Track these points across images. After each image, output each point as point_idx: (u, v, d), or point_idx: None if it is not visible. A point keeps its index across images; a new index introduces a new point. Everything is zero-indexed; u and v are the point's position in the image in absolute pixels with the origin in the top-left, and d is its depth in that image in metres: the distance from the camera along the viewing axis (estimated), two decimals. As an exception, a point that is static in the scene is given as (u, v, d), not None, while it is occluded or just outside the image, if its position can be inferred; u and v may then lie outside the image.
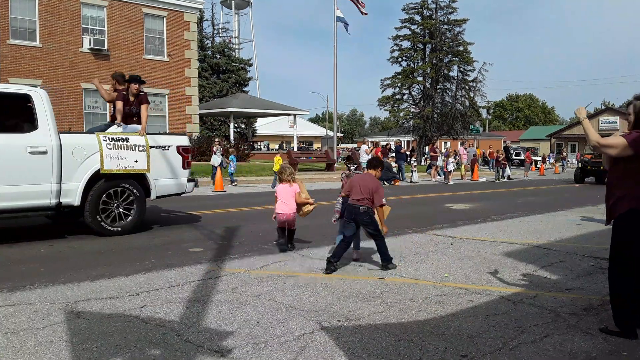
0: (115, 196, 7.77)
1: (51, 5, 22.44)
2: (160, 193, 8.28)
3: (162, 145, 8.27)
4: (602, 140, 3.80)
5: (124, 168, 7.76)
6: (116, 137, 7.83)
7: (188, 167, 8.55)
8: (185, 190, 8.61)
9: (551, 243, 7.63)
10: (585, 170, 22.84)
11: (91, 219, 7.52)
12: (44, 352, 3.37)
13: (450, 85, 41.33)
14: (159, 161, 8.18)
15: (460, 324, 4.04)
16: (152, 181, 8.11)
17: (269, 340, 3.64)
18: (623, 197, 3.74)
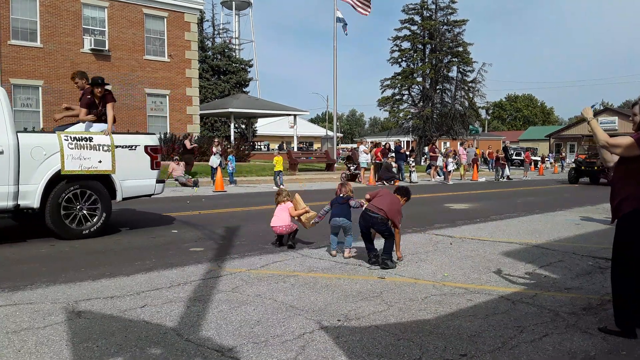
0: (78, 198, 7.44)
1: (52, 6, 22.46)
2: (127, 194, 7.97)
3: (129, 145, 7.92)
4: (611, 140, 3.79)
5: (86, 169, 7.43)
6: (79, 136, 7.47)
7: (157, 168, 8.25)
8: (154, 191, 8.30)
9: (550, 243, 7.64)
10: (579, 171, 22.65)
11: (51, 221, 7.19)
12: (45, 352, 3.39)
13: (450, 85, 41.36)
14: (126, 161, 7.84)
15: (460, 323, 4.05)
16: (118, 182, 7.79)
17: (269, 339, 3.66)
18: (627, 198, 3.74)
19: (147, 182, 8.20)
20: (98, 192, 7.63)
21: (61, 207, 7.28)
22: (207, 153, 23.91)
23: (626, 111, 55.23)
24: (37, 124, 21.97)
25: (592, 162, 21.97)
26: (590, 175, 22.40)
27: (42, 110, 22.48)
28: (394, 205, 6.00)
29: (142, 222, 9.42)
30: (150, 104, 25.65)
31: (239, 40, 55.29)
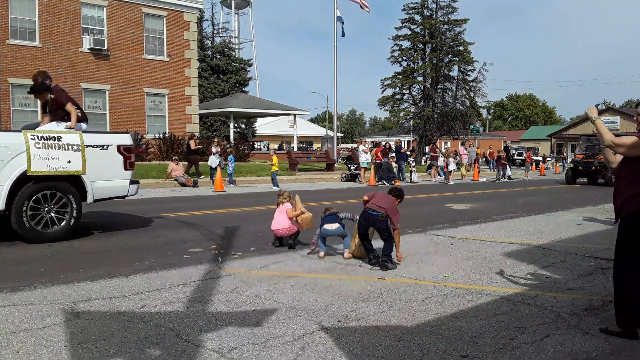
0: (46, 200, 7.14)
1: (51, 5, 22.44)
2: (99, 196, 7.69)
3: (100, 144, 7.60)
4: (617, 139, 3.76)
5: (54, 169, 7.11)
6: (46, 135, 7.13)
7: (131, 168, 7.99)
8: (127, 193, 8.03)
9: (552, 243, 7.62)
10: (576, 171, 22.24)
11: (17, 224, 6.89)
12: (43, 353, 3.37)
13: (451, 85, 41.37)
14: (97, 162, 7.53)
15: (461, 324, 4.03)
16: (89, 183, 7.48)
17: (269, 340, 3.64)
18: (631, 197, 3.72)
19: (120, 183, 7.92)
20: (67, 193, 7.31)
21: (28, 209, 6.96)
22: (206, 153, 23.90)
23: (628, 110, 55.24)
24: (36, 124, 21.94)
25: (590, 162, 21.61)
26: (587, 176, 22.04)
27: (41, 110, 22.43)
28: (393, 204, 6.07)
29: (141, 222, 9.40)
30: (149, 103, 25.63)
31: (239, 40, 55.26)
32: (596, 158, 21.32)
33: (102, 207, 11.66)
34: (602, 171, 21.01)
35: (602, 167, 20.82)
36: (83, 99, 23.58)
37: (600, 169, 21.04)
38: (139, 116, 25.21)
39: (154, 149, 24.50)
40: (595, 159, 21.38)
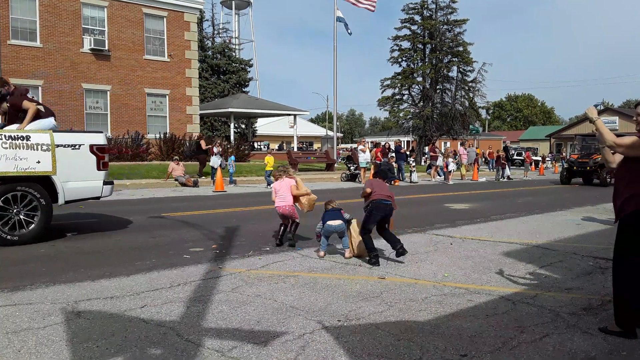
0: (15, 201, 6.93)
1: (51, 6, 22.46)
2: (70, 197, 7.42)
3: (72, 144, 7.36)
4: (618, 139, 3.75)
5: (23, 170, 6.88)
6: (15, 134, 6.93)
7: (104, 169, 7.72)
8: (101, 194, 7.72)
9: (550, 243, 7.64)
10: (571, 171, 21.91)
11: None
12: (44, 352, 3.38)
13: (450, 85, 41.38)
14: (68, 162, 7.27)
15: (460, 323, 4.05)
16: (60, 184, 7.21)
17: (270, 339, 3.65)
18: (631, 197, 3.74)
19: (92, 184, 7.63)
20: (37, 195, 7.07)
21: None
22: (206, 153, 23.93)
23: (627, 111, 55.24)
24: (37, 123, 21.97)
25: (585, 162, 21.25)
26: (583, 176, 21.66)
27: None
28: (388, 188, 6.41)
29: (141, 222, 9.41)
30: (150, 103, 25.65)
31: (239, 40, 55.27)
32: (591, 158, 21.05)
33: (102, 207, 11.68)
34: (598, 171, 20.73)
35: (598, 167, 20.59)
36: (84, 99, 23.61)
37: (596, 169, 20.74)
38: (140, 116, 25.22)
39: (155, 149, 24.52)
40: (590, 159, 21.09)
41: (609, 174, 20.21)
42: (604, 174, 20.27)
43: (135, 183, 17.39)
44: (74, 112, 23.23)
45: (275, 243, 7.10)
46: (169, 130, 25.70)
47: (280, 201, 6.92)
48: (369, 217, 6.13)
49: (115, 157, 22.79)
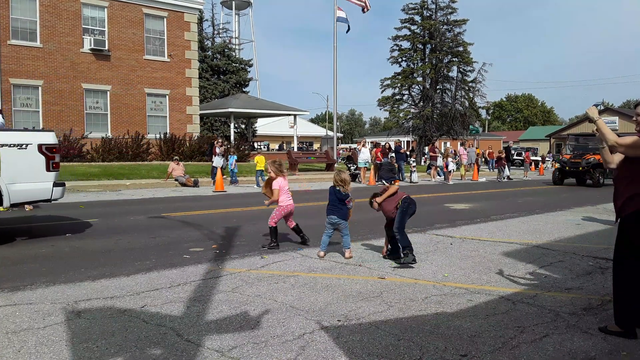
0: None
1: (51, 6, 22.46)
2: (16, 200, 7.03)
3: (18, 144, 6.95)
4: (620, 139, 3.73)
5: None
6: None
7: (55, 169, 7.30)
8: (51, 196, 7.33)
9: (550, 243, 7.64)
10: (563, 172, 21.28)
11: None
12: (44, 352, 3.38)
13: (450, 85, 41.41)
14: (13, 162, 6.88)
15: (460, 323, 4.05)
16: (4, 186, 6.84)
17: (269, 339, 3.66)
18: (632, 197, 3.73)
19: (41, 186, 7.23)
20: None
21: None
22: (207, 153, 23.94)
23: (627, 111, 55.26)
24: (37, 124, 21.98)
25: (577, 163, 20.62)
26: (575, 176, 21.03)
27: (42, 110, 22.49)
28: None
29: (141, 222, 9.42)
30: (150, 103, 25.65)
31: (239, 40, 55.25)
32: (584, 158, 20.53)
33: (102, 207, 11.69)
34: (590, 172, 20.19)
35: (590, 168, 20.13)
36: (84, 99, 23.61)
37: (588, 169, 20.21)
38: (140, 116, 25.23)
39: (155, 149, 24.52)
40: (582, 159, 20.55)
41: (602, 174, 19.78)
42: (596, 175, 19.92)
43: (136, 183, 17.39)
44: (74, 112, 23.24)
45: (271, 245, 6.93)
46: (169, 131, 25.70)
47: (289, 199, 6.96)
48: (405, 213, 6.24)
49: (115, 157, 22.82)
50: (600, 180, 19.92)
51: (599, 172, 19.89)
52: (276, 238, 6.94)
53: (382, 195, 6.35)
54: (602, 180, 19.99)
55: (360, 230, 8.43)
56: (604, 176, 20.01)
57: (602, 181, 20.02)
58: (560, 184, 21.19)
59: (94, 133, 23.40)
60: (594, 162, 19.95)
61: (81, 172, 18.80)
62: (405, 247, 6.02)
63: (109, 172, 19.18)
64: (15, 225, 8.80)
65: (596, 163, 19.80)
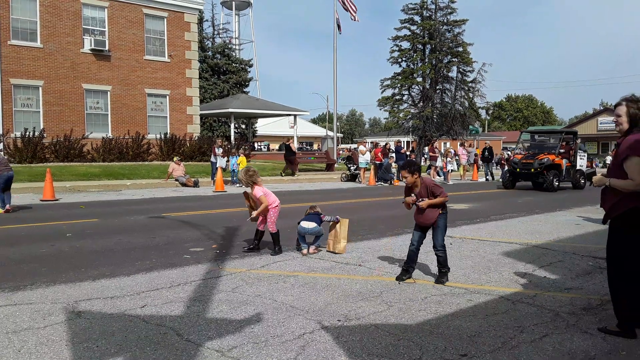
0: None
1: (52, 6, 22.46)
2: None
3: None
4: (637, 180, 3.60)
5: None
6: None
7: None
8: None
9: (550, 243, 7.64)
10: (515, 174, 18.69)
11: None
12: (45, 352, 3.39)
13: (450, 86, 41.38)
14: None
15: (460, 323, 4.05)
16: None
17: (269, 339, 3.66)
18: (617, 203, 3.78)
19: None
20: None
21: None
22: (207, 153, 23.94)
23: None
24: (37, 124, 21.97)
25: (529, 164, 18.21)
26: (527, 179, 18.64)
27: (42, 110, 22.49)
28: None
29: (142, 222, 9.42)
30: (150, 104, 25.65)
31: (239, 40, 55.26)
32: (536, 158, 18.26)
33: (102, 207, 11.70)
34: (544, 173, 17.86)
35: (544, 169, 17.89)
36: (85, 99, 23.61)
37: (542, 170, 17.88)
38: (140, 117, 25.23)
39: (155, 149, 24.53)
40: (535, 160, 18.24)
41: (557, 176, 17.85)
42: (550, 177, 17.67)
43: (136, 183, 17.40)
44: (74, 113, 23.24)
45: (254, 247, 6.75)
46: (170, 131, 25.70)
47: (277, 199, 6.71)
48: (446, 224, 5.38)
49: (116, 157, 22.82)
50: (554, 183, 17.75)
51: (553, 174, 17.81)
52: (279, 242, 6.64)
53: (431, 200, 5.20)
54: (557, 183, 17.90)
55: (360, 231, 8.44)
56: (559, 178, 18.06)
57: (558, 184, 17.96)
58: (512, 188, 18.71)
59: (94, 133, 23.40)
60: (548, 163, 17.89)
61: (82, 172, 18.81)
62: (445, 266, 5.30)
63: (110, 172, 19.19)
64: (15, 225, 8.81)
65: (550, 164, 17.92)
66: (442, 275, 5.28)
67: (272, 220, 6.57)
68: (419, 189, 5.26)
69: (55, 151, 21.45)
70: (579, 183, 19.02)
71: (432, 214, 5.25)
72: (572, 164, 18.96)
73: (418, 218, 5.43)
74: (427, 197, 5.21)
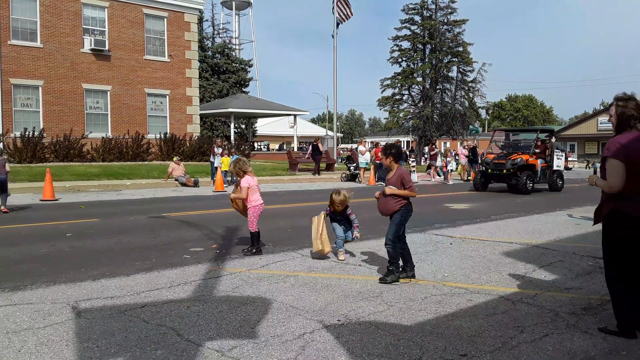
0: None
1: (52, 6, 22.45)
2: None
3: None
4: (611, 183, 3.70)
5: None
6: None
7: None
8: None
9: (550, 243, 7.64)
10: (487, 175, 17.47)
11: None
12: (45, 352, 3.39)
13: (450, 85, 41.45)
14: None
15: (460, 323, 4.05)
16: None
17: (269, 339, 3.66)
18: (607, 200, 3.81)
19: None
20: None
21: None
22: (207, 153, 23.94)
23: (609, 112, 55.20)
24: (37, 124, 21.97)
25: (501, 164, 17.01)
26: (499, 180, 17.37)
27: (42, 110, 22.48)
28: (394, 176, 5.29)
29: (142, 222, 9.42)
30: (150, 103, 25.65)
31: (239, 40, 55.30)
32: (509, 159, 17.02)
33: (102, 207, 11.70)
34: (517, 174, 16.53)
35: (517, 170, 16.63)
36: (84, 99, 23.60)
37: (515, 171, 16.61)
38: (140, 116, 25.22)
39: (155, 149, 24.52)
40: (507, 160, 16.99)
41: (531, 178, 16.61)
42: (523, 178, 16.36)
43: (136, 183, 17.40)
44: (74, 112, 23.23)
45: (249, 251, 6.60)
46: (169, 131, 25.69)
47: (260, 198, 6.62)
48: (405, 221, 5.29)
49: (115, 157, 22.82)
50: (528, 184, 16.49)
51: (527, 174, 16.53)
52: (258, 243, 6.58)
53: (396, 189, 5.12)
54: (530, 185, 16.65)
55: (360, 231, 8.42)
56: (533, 180, 16.82)
57: (531, 186, 16.72)
58: (484, 190, 17.42)
59: (94, 133, 23.39)
60: (521, 164, 16.67)
61: (81, 172, 18.81)
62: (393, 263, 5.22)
63: (109, 172, 19.19)
64: (15, 225, 8.81)
65: (523, 164, 16.72)
66: (388, 273, 5.20)
67: (250, 219, 6.51)
68: (392, 176, 5.23)
69: (55, 151, 21.44)
70: (556, 184, 17.75)
71: (391, 205, 5.18)
72: (548, 165, 17.61)
73: (378, 205, 5.33)
74: (398, 186, 5.14)
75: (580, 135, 61.52)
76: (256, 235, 6.56)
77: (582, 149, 61.40)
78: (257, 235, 6.56)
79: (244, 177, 6.50)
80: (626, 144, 3.62)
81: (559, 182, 17.94)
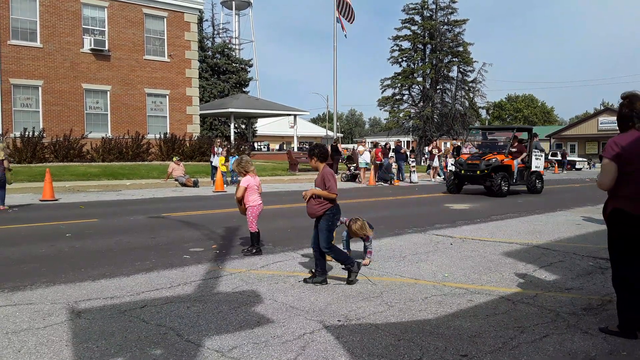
0: None
1: (52, 6, 22.45)
2: None
3: None
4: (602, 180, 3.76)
5: None
6: None
7: None
8: None
9: (551, 243, 7.63)
10: (460, 176, 16.27)
11: None
12: (44, 352, 3.38)
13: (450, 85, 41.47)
14: None
15: (460, 323, 4.05)
16: None
17: (269, 339, 3.65)
18: (610, 198, 3.83)
19: None
20: None
21: None
22: (206, 153, 23.94)
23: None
24: (37, 124, 21.97)
25: (475, 165, 15.73)
26: (473, 182, 16.19)
27: (42, 110, 22.49)
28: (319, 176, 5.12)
29: (141, 222, 9.42)
30: (150, 103, 25.65)
31: (239, 40, 55.29)
32: (483, 159, 15.82)
33: (102, 207, 11.69)
34: (492, 176, 15.29)
35: (491, 171, 15.38)
36: (84, 99, 23.61)
37: (489, 173, 15.37)
38: (140, 116, 25.23)
39: (155, 149, 24.52)
40: (481, 161, 15.75)
41: (506, 179, 15.39)
42: (498, 179, 15.09)
43: (136, 183, 17.40)
44: (74, 112, 23.23)
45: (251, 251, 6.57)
46: (169, 131, 25.70)
47: (259, 199, 6.56)
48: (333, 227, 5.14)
49: (115, 157, 22.81)
50: (502, 187, 15.23)
51: (502, 176, 15.28)
52: (258, 243, 6.56)
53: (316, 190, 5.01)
54: (505, 187, 15.39)
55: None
56: (508, 182, 15.56)
57: (507, 188, 15.48)
58: (457, 192, 16.40)
59: (94, 133, 23.40)
60: (496, 164, 15.43)
61: (81, 172, 18.81)
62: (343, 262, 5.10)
63: (109, 172, 19.19)
64: (15, 225, 8.81)
65: (498, 165, 15.48)
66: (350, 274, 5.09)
67: (249, 219, 6.50)
68: (317, 177, 5.08)
69: (55, 151, 21.45)
70: (535, 186, 16.60)
71: (315, 208, 5.02)
72: (526, 165, 16.48)
73: (306, 207, 5.16)
74: (322, 187, 4.98)
75: (581, 135, 61.56)
76: (256, 236, 6.56)
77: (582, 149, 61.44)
78: (257, 235, 6.56)
79: (245, 176, 6.48)
80: (621, 144, 3.65)
81: (537, 184, 16.82)
